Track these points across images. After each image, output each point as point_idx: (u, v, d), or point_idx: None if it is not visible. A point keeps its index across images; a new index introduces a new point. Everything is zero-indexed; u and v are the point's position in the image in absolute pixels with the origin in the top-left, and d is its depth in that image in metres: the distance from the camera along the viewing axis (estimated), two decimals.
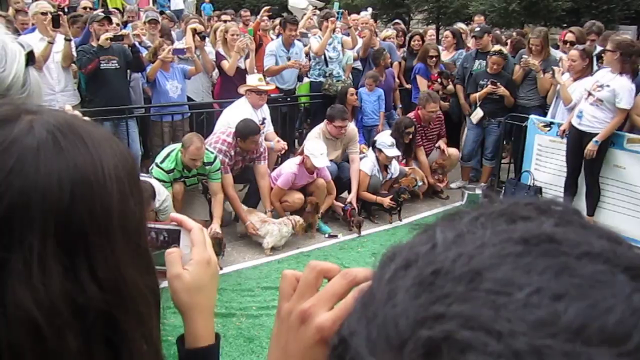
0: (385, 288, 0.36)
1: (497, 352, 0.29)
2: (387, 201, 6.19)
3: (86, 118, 1.50)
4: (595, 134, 5.68)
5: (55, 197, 0.56)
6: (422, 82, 7.53)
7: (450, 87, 7.63)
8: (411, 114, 7.05)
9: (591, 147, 5.70)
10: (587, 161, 5.90)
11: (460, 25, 8.88)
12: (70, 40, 5.94)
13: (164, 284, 0.85)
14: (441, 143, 7.23)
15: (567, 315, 0.30)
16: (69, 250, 0.56)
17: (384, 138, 6.37)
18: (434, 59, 7.51)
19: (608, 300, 0.30)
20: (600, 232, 0.36)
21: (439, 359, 0.30)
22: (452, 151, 7.36)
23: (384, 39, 8.67)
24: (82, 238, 0.57)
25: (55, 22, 5.72)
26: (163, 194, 4.79)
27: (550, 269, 0.32)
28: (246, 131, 5.46)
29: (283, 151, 6.43)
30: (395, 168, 6.56)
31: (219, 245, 4.89)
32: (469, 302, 0.32)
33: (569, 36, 7.13)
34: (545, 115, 6.71)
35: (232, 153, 5.59)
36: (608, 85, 5.51)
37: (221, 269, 4.99)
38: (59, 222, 0.56)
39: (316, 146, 5.67)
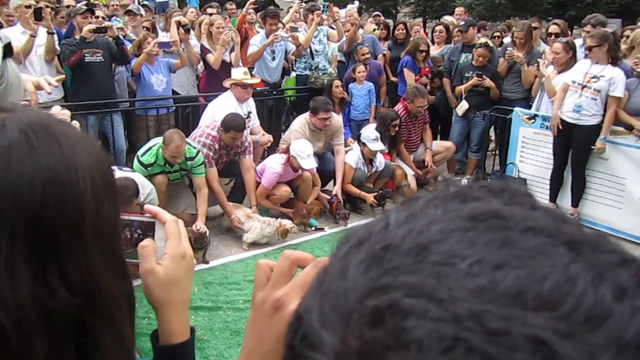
0: (338, 264, 0.37)
1: (437, 316, 0.30)
2: (370, 198, 6.20)
3: (66, 112, 1.49)
4: (585, 126, 5.75)
5: (26, 198, 0.54)
6: (409, 76, 7.54)
7: (438, 81, 7.65)
8: (399, 106, 7.06)
9: (599, 144, 5.77)
10: (575, 152, 5.97)
11: (450, 19, 8.87)
12: (53, 33, 5.87)
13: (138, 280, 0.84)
14: (425, 135, 7.27)
15: (505, 283, 0.31)
16: (39, 253, 0.54)
17: (368, 132, 6.39)
18: (424, 53, 7.52)
19: (545, 269, 0.32)
20: (548, 212, 0.38)
21: (383, 325, 0.31)
22: (447, 144, 7.44)
23: (365, 32, 8.65)
24: (53, 241, 0.55)
25: (37, 15, 5.65)
26: (147, 187, 4.77)
27: (494, 242, 0.33)
28: (231, 124, 5.44)
29: (269, 144, 6.42)
30: (380, 162, 6.57)
31: (202, 241, 4.87)
32: (415, 274, 0.33)
33: (553, 28, 7.17)
34: (529, 107, 6.76)
35: (217, 147, 5.57)
36: (603, 76, 5.57)
37: (207, 262, 4.99)
38: (29, 224, 0.54)
39: (303, 147, 5.64)
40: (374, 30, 8.86)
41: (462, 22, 7.85)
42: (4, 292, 0.52)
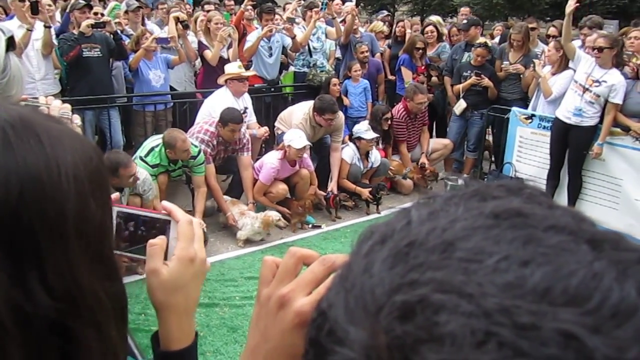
0: (362, 261, 0.38)
1: (468, 311, 0.31)
2: (365, 193, 6.23)
3: (67, 105, 1.48)
4: (582, 127, 5.77)
5: (1, 198, 0.51)
6: (406, 74, 7.54)
7: (435, 79, 7.66)
8: (399, 106, 7.07)
9: (597, 149, 5.79)
10: (572, 153, 5.98)
11: (436, 18, 8.84)
12: (49, 27, 5.84)
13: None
14: (422, 137, 7.27)
15: (534, 279, 0.32)
16: (16, 255, 0.51)
17: (359, 126, 6.45)
18: (420, 51, 7.51)
19: (571, 266, 0.33)
20: (567, 210, 0.39)
21: (414, 320, 0.32)
22: (445, 141, 7.45)
23: (371, 31, 8.63)
24: (31, 242, 0.52)
25: (34, 9, 5.62)
26: (142, 174, 4.81)
27: (518, 239, 0.34)
28: (228, 117, 5.44)
29: (266, 135, 6.41)
30: (376, 158, 6.59)
31: None
32: (443, 269, 0.34)
33: (552, 30, 7.19)
34: (527, 107, 6.77)
35: (215, 143, 5.57)
36: (605, 81, 5.58)
37: None
38: (4, 225, 0.51)
39: (293, 134, 5.66)
40: (382, 26, 8.82)
41: (464, 21, 7.85)
42: None
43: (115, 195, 0.84)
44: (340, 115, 6.32)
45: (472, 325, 0.31)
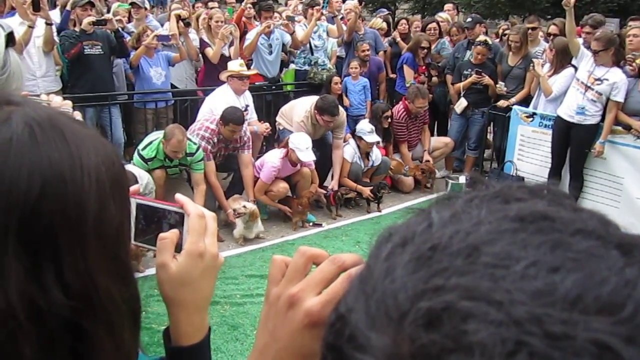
0: (383, 265, 0.37)
1: (498, 320, 0.30)
2: (366, 191, 6.22)
3: (68, 102, 1.47)
4: (583, 125, 5.75)
5: (22, 192, 0.52)
6: (408, 72, 7.53)
7: (435, 79, 7.65)
8: (399, 106, 7.06)
9: (598, 147, 5.78)
10: (573, 152, 5.98)
11: (446, 16, 8.86)
12: (51, 24, 5.83)
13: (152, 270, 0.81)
14: (424, 136, 7.26)
15: (564, 286, 0.31)
16: (34, 251, 0.52)
17: (363, 125, 6.42)
18: (425, 50, 7.50)
19: (602, 273, 0.31)
20: (592, 214, 0.38)
21: (440, 328, 0.31)
22: (446, 140, 7.45)
23: (371, 27, 8.62)
24: (50, 239, 0.53)
25: (36, 6, 5.61)
26: (144, 178, 4.77)
27: (546, 244, 0.33)
28: (230, 117, 5.43)
29: (268, 132, 6.40)
30: (377, 156, 6.59)
31: None
32: (468, 275, 0.33)
33: (552, 29, 7.17)
34: (528, 106, 6.76)
35: (215, 140, 5.56)
36: (607, 79, 5.57)
37: None
38: (23, 219, 0.51)
39: (302, 140, 5.62)
40: (381, 23, 8.81)
41: (469, 19, 7.84)
42: None
43: (136, 186, 0.85)
44: (342, 112, 6.30)
45: (502, 335, 0.30)
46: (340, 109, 6.28)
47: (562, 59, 6.15)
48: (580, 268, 0.32)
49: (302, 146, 5.55)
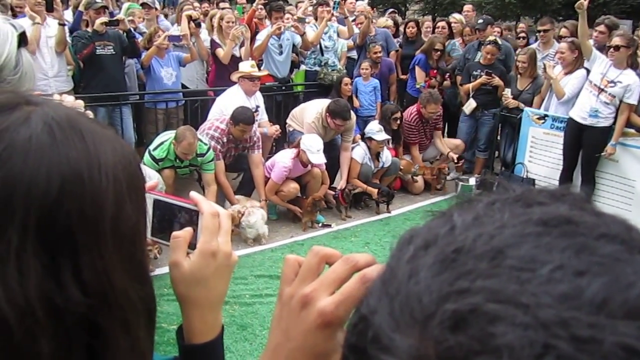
0: (406, 267, 0.37)
1: (525, 322, 0.30)
2: (375, 193, 6.22)
3: (80, 102, 1.48)
4: (596, 128, 5.72)
5: (41, 191, 0.52)
6: (420, 74, 7.51)
7: (447, 83, 7.63)
8: (413, 109, 7.04)
9: (610, 149, 5.76)
10: (585, 154, 5.93)
11: (459, 17, 8.83)
12: (64, 25, 5.89)
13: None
14: (438, 141, 7.25)
15: (590, 290, 0.31)
16: (52, 249, 0.52)
17: (372, 125, 6.43)
18: (439, 52, 7.49)
19: (629, 277, 0.32)
20: (613, 217, 0.38)
21: (467, 331, 0.31)
22: (457, 142, 7.43)
23: (377, 26, 8.60)
24: (68, 237, 0.53)
25: (49, 6, 5.66)
26: (153, 178, 4.80)
27: (571, 248, 0.34)
28: (240, 117, 5.44)
29: (277, 133, 6.41)
30: (387, 158, 6.57)
31: None
32: (494, 278, 0.33)
33: (563, 31, 7.15)
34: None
35: (225, 140, 5.58)
36: (620, 82, 5.53)
37: None
38: (42, 218, 0.52)
39: (313, 142, 5.62)
40: (386, 21, 8.80)
41: (480, 20, 7.81)
42: (11, 286, 0.50)
43: (153, 182, 0.86)
44: (352, 116, 6.29)
45: (530, 337, 0.30)
46: (352, 113, 6.27)
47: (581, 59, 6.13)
48: (606, 272, 0.32)
49: (314, 148, 5.55)
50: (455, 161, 7.08)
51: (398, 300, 0.36)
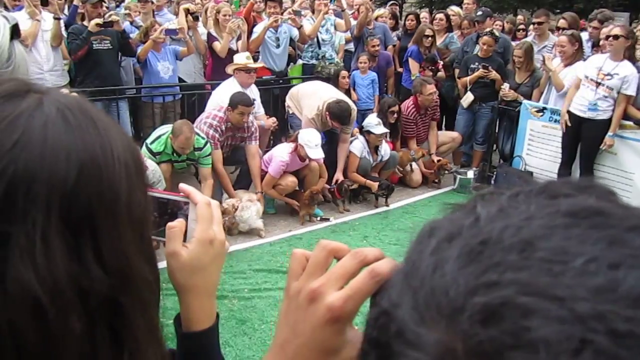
0: (430, 259, 0.36)
1: (560, 316, 0.29)
2: (375, 186, 6.21)
3: (75, 95, 1.48)
4: (595, 120, 5.72)
5: (62, 174, 0.53)
6: (414, 66, 7.49)
7: (441, 73, 7.60)
8: (409, 102, 7.02)
9: (608, 141, 5.76)
10: (584, 147, 5.94)
11: (457, 10, 8.79)
12: (59, 19, 5.85)
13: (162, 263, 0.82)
14: (431, 134, 7.23)
15: (627, 283, 0.30)
16: (75, 230, 0.54)
17: (370, 119, 6.41)
18: (430, 39, 7.44)
19: None
20: (639, 210, 0.37)
21: (499, 324, 0.30)
22: (454, 134, 7.43)
23: (375, 19, 8.56)
24: (88, 220, 0.55)
25: (44, 0, 5.63)
26: (150, 166, 4.80)
27: (602, 240, 0.33)
28: (238, 99, 5.44)
29: (275, 126, 6.38)
30: (385, 151, 6.56)
31: None
32: (524, 270, 0.32)
33: (562, 23, 7.14)
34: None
35: (223, 128, 5.56)
36: (617, 73, 5.53)
37: None
38: (64, 200, 0.53)
39: (311, 137, 5.60)
40: (383, 14, 8.76)
41: (480, 13, 7.78)
42: (41, 265, 0.51)
43: None
44: (354, 109, 6.25)
45: (566, 332, 0.29)
46: (352, 105, 6.22)
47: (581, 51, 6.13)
48: None
49: (312, 143, 5.54)
50: (437, 162, 7.06)
51: (422, 294, 0.35)
